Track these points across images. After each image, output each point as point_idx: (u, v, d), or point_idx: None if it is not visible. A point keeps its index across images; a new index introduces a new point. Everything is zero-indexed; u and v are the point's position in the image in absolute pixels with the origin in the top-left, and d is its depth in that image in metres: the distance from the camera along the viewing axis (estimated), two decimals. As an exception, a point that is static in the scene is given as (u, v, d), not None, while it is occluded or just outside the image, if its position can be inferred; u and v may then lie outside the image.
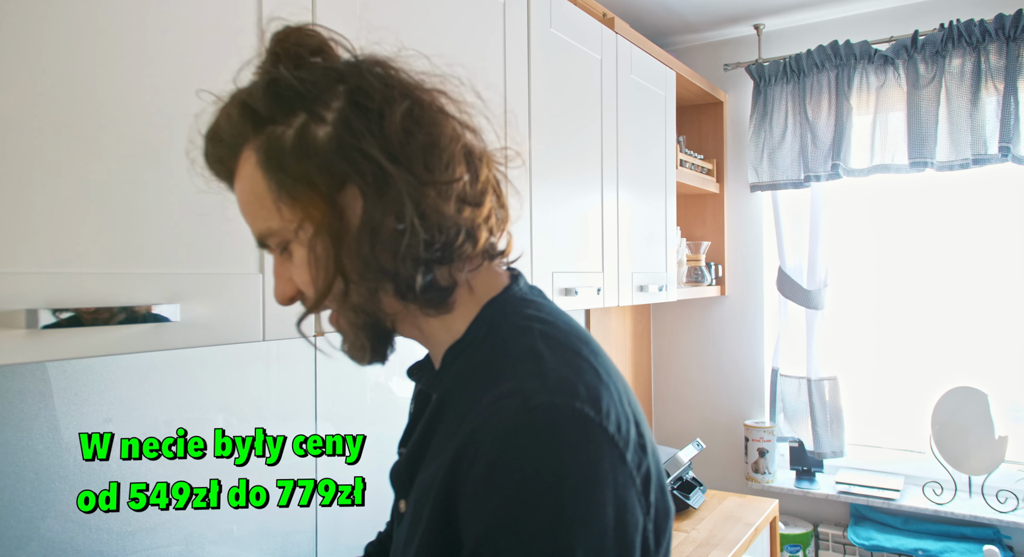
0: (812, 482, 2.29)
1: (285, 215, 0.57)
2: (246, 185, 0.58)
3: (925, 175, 2.10)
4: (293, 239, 0.58)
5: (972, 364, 2.18)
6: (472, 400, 0.56)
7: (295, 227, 0.57)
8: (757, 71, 2.35)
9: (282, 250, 0.60)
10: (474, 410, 0.54)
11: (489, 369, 0.58)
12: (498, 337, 0.60)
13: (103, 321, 0.67)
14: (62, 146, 0.66)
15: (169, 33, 0.75)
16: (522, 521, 0.49)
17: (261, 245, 0.61)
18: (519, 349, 0.58)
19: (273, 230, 0.58)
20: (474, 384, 0.58)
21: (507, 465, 0.50)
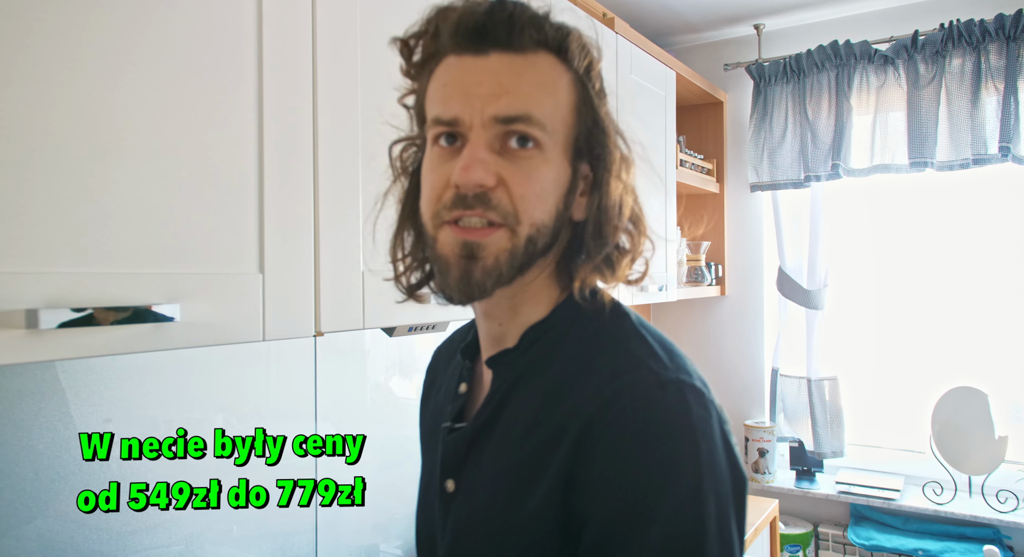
0: (812, 482, 2.29)
1: (562, 131, 0.59)
2: (546, 77, 0.58)
3: (925, 175, 2.10)
4: (548, 151, 0.58)
5: (972, 364, 2.18)
6: (575, 379, 0.58)
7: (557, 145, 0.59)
8: (757, 71, 2.35)
9: (519, 143, 0.57)
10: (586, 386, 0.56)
11: (591, 349, 0.60)
12: (590, 322, 0.62)
13: (103, 321, 0.67)
14: (62, 146, 0.66)
15: (169, 33, 0.75)
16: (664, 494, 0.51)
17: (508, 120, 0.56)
18: (624, 331, 0.61)
19: (546, 126, 0.57)
20: (570, 363, 0.59)
21: (647, 441, 0.52)
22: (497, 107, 0.56)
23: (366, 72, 0.98)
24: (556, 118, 0.58)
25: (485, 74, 0.57)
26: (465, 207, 0.57)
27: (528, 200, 0.57)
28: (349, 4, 0.96)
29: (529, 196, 0.57)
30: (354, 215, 0.96)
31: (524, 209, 0.57)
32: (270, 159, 0.84)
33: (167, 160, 0.74)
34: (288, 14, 0.87)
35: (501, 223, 0.57)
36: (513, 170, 0.57)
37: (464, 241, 0.57)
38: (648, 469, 0.51)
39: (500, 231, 0.57)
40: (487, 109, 0.56)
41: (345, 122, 0.95)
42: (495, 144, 0.57)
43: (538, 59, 0.58)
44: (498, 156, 0.57)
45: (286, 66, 0.86)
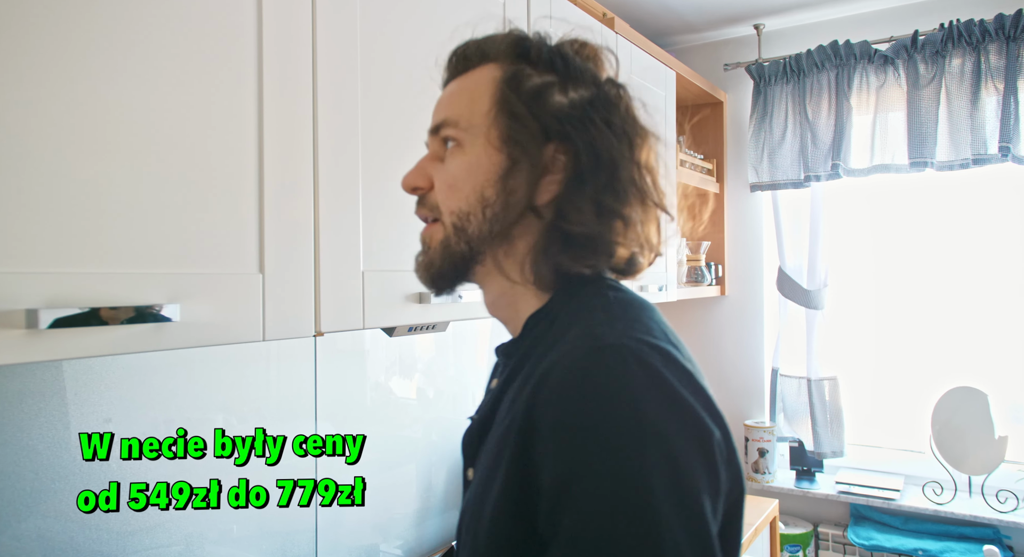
0: (812, 482, 2.29)
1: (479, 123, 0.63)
2: (469, 82, 0.65)
3: (925, 175, 2.10)
4: (465, 144, 0.63)
5: (972, 364, 2.18)
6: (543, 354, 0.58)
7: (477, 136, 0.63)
8: (757, 71, 2.35)
9: (447, 143, 0.65)
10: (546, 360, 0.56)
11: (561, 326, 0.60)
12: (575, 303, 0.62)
13: (103, 321, 0.67)
14: (62, 146, 0.66)
15: (169, 32, 0.75)
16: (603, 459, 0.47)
17: (434, 131, 0.66)
18: (590, 305, 0.60)
19: (457, 122, 0.64)
20: (547, 341, 0.60)
21: (580, 402, 0.50)
22: (432, 121, 0.67)
23: (366, 72, 0.98)
24: (474, 113, 0.63)
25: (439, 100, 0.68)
26: (416, 209, 0.68)
27: (441, 190, 0.64)
28: (349, 4, 0.96)
29: (443, 188, 0.64)
30: (354, 215, 0.96)
31: (443, 200, 0.64)
32: (270, 159, 0.84)
33: (167, 160, 0.74)
34: (288, 14, 0.87)
35: (435, 218, 0.65)
36: (439, 170, 0.65)
37: (420, 239, 0.68)
38: (585, 436, 0.48)
39: (435, 225, 0.66)
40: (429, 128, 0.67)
41: (345, 122, 0.95)
42: (440, 152, 0.66)
43: (475, 72, 0.66)
44: (438, 163, 0.66)
45: (286, 66, 0.86)
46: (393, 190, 1.02)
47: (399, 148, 1.03)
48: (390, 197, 1.01)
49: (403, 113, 1.04)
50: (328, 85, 0.92)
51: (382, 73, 1.01)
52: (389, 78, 1.02)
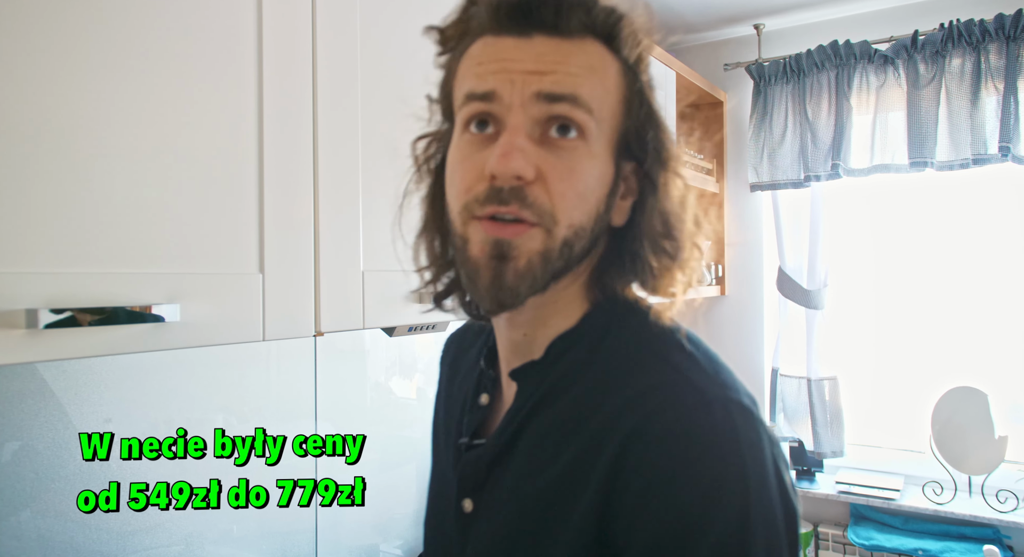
0: (812, 482, 2.29)
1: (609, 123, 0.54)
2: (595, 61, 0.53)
3: (925, 175, 2.10)
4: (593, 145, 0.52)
5: (972, 364, 2.18)
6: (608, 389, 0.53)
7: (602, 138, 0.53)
8: (757, 71, 2.35)
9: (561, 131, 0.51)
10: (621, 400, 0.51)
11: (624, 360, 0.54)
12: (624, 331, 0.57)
13: (103, 321, 0.67)
14: (62, 146, 0.66)
15: (169, 32, 0.75)
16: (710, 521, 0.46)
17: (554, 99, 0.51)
18: (665, 341, 0.55)
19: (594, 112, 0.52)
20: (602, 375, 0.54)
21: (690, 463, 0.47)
22: (541, 83, 0.50)
23: (366, 72, 0.98)
24: (604, 105, 0.53)
25: (527, 52, 0.51)
26: (500, 202, 0.51)
27: (568, 198, 0.51)
28: (349, 4, 0.96)
29: (569, 194, 0.51)
30: (354, 215, 0.96)
31: (563, 208, 0.51)
32: (270, 159, 0.84)
33: (167, 160, 0.74)
34: (288, 14, 0.87)
35: (535, 222, 0.51)
36: (553, 163, 0.51)
37: (495, 239, 0.51)
38: (692, 494, 0.46)
39: (533, 230, 0.51)
40: (529, 86, 0.50)
41: (345, 122, 0.95)
42: (535, 132, 0.51)
43: (586, 45, 0.52)
44: (538, 146, 0.51)
45: (286, 66, 0.86)
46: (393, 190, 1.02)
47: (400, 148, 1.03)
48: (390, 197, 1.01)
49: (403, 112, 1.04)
50: (328, 85, 0.92)
51: (382, 73, 1.01)
52: (389, 77, 1.02)
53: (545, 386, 0.57)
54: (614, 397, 0.52)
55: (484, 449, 0.59)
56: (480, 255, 0.52)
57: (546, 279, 0.53)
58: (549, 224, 0.51)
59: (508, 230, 0.51)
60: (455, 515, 0.62)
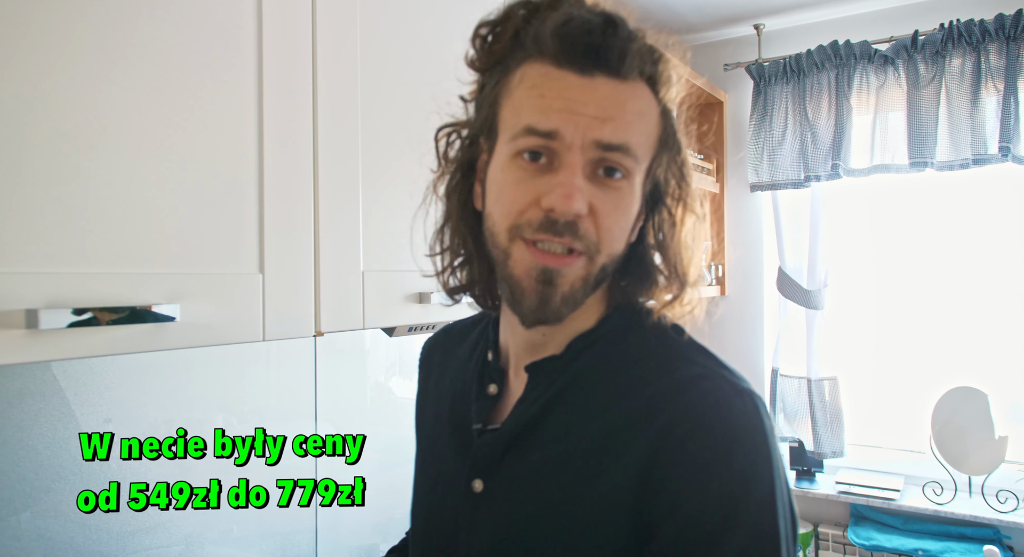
0: (812, 482, 2.29)
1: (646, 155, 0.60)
2: (645, 106, 0.58)
3: (925, 175, 2.10)
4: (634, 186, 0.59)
5: (972, 364, 2.18)
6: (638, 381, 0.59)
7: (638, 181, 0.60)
8: (757, 71, 2.35)
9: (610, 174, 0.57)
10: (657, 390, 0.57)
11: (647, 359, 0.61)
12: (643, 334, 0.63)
13: (103, 321, 0.67)
14: (62, 146, 0.66)
15: (169, 32, 0.75)
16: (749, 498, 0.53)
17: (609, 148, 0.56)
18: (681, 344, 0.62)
19: (639, 159, 0.58)
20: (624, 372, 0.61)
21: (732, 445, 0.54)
22: (602, 132, 0.55)
23: (366, 72, 0.98)
24: (646, 148, 0.59)
25: (591, 95, 0.55)
26: (554, 233, 0.56)
27: (612, 233, 0.58)
28: (349, 4, 0.96)
29: (615, 229, 0.58)
30: (354, 215, 0.96)
31: (607, 241, 0.58)
32: (270, 159, 0.84)
33: (167, 160, 0.74)
34: (288, 14, 0.87)
35: (582, 251, 0.57)
36: (603, 200, 0.56)
37: (544, 267, 0.57)
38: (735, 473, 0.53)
39: (580, 259, 0.57)
40: (591, 132, 0.55)
41: (345, 122, 0.95)
42: (587, 170, 0.56)
43: (637, 88, 0.58)
44: (588, 182, 0.56)
45: (286, 66, 0.86)
46: (393, 190, 1.02)
47: (399, 148, 1.03)
48: (390, 197, 1.01)
49: (403, 113, 1.04)
50: (328, 85, 0.92)
51: (382, 73, 1.01)
52: (389, 78, 1.02)
53: (566, 378, 0.62)
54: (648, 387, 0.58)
55: (499, 434, 0.64)
56: (525, 277, 0.58)
57: (585, 298, 0.60)
58: (593, 253, 0.57)
59: (557, 259, 0.57)
60: (463, 495, 0.65)
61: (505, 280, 0.59)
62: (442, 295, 1.06)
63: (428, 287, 1.07)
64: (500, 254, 0.59)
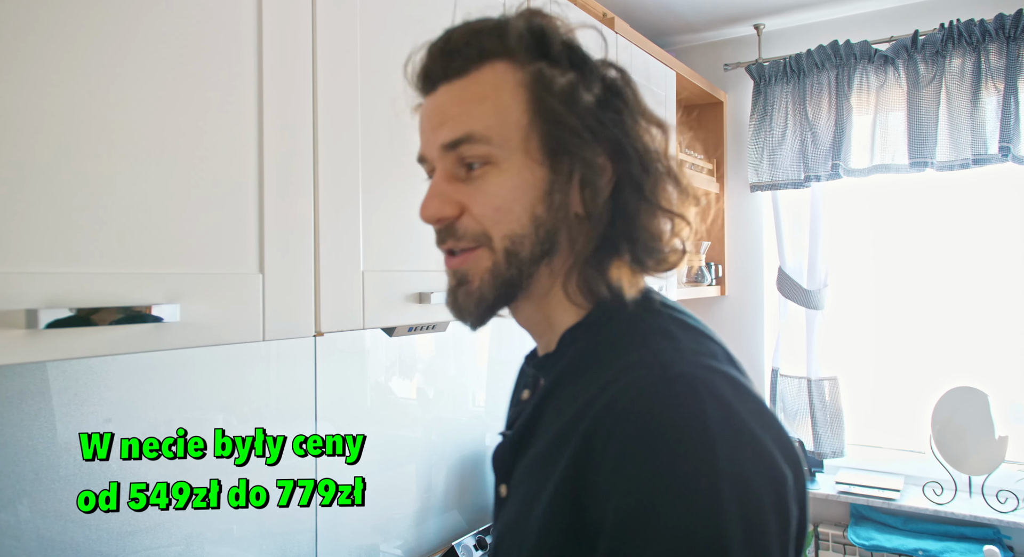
0: (812, 482, 2.29)
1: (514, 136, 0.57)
2: (483, 88, 0.58)
3: (925, 175, 2.10)
4: (503, 162, 0.57)
5: (972, 364, 2.18)
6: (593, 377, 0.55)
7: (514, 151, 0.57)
8: (757, 71, 2.35)
9: (471, 165, 0.58)
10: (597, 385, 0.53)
11: (612, 346, 0.56)
12: (622, 319, 0.59)
13: (103, 321, 0.67)
14: (62, 146, 0.66)
15: (169, 33, 0.75)
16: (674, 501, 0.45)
17: (451, 146, 0.58)
18: (648, 327, 0.57)
19: (489, 139, 0.57)
20: (594, 362, 0.56)
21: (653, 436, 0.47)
22: (439, 136, 0.58)
23: (366, 72, 0.98)
24: (505, 125, 0.57)
25: (432, 109, 0.60)
26: (440, 241, 0.60)
27: (489, 216, 0.58)
28: (349, 4, 0.96)
29: (489, 212, 0.58)
30: (354, 215, 0.96)
31: (492, 225, 0.58)
32: (270, 159, 0.84)
33: (167, 160, 0.74)
34: (288, 14, 0.87)
35: (475, 246, 0.59)
36: (471, 192, 0.58)
37: (452, 271, 0.61)
38: (655, 473, 0.46)
39: (476, 252, 0.59)
40: (435, 141, 0.59)
41: (345, 122, 0.95)
42: (459, 173, 0.59)
43: (483, 73, 0.58)
44: (462, 184, 0.59)
45: (286, 66, 0.86)
46: (393, 190, 1.02)
47: (399, 148, 1.03)
48: (390, 197, 1.01)
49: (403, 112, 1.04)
50: (328, 85, 0.92)
51: (382, 72, 1.01)
52: (389, 77, 1.02)
53: (555, 377, 0.61)
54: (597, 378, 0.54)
55: (508, 438, 0.64)
56: (448, 283, 0.62)
57: (497, 292, 0.59)
58: (486, 242, 0.58)
59: (455, 261, 0.60)
60: (495, 502, 0.67)
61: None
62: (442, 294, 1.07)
63: (428, 287, 1.07)
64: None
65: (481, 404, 1.86)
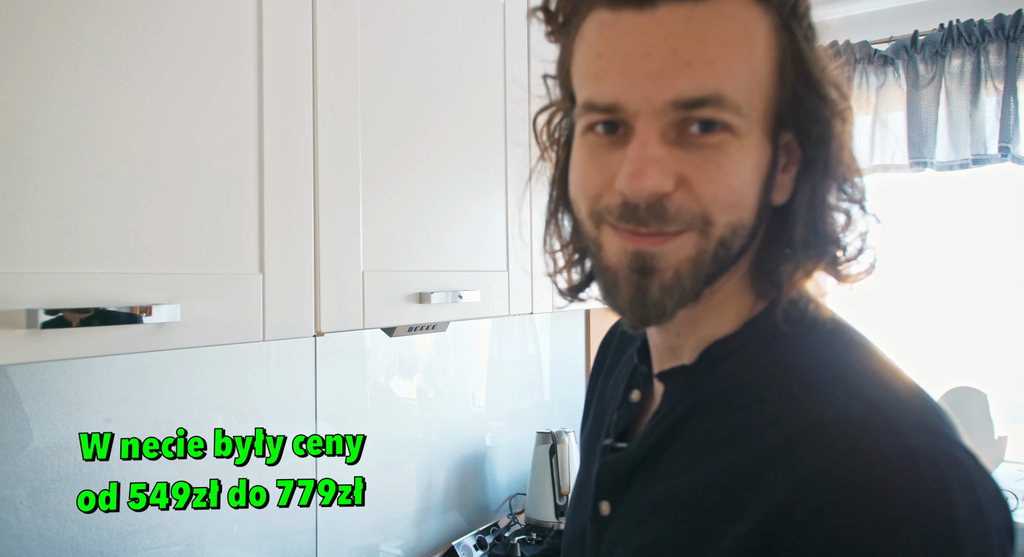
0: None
1: (759, 102, 0.44)
2: (737, 30, 0.43)
3: (925, 175, 2.11)
4: (744, 134, 0.44)
5: (972, 364, 2.18)
6: (775, 414, 0.44)
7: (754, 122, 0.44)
8: (757, 71, 2.35)
9: (704, 129, 0.43)
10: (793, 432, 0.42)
11: (792, 378, 0.46)
12: (800, 341, 0.48)
13: (103, 321, 0.67)
14: (62, 146, 0.66)
15: (169, 33, 0.75)
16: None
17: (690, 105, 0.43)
18: (850, 361, 0.46)
19: (739, 106, 0.43)
20: (764, 394, 0.46)
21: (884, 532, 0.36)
22: (675, 89, 0.42)
23: (366, 72, 0.98)
24: (754, 89, 0.44)
25: (653, 38, 0.42)
26: (637, 222, 0.45)
27: (722, 198, 0.44)
28: (349, 4, 0.96)
29: (724, 194, 0.44)
30: (354, 215, 0.96)
31: (717, 210, 0.44)
32: (270, 159, 0.84)
33: (167, 160, 0.74)
34: (288, 14, 0.87)
35: (684, 229, 0.45)
36: (699, 163, 0.44)
37: (636, 251, 0.46)
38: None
39: (685, 235, 0.45)
40: (660, 92, 0.43)
41: (345, 121, 0.95)
42: (670, 133, 0.44)
43: (725, 4, 0.43)
44: (675, 147, 0.44)
45: (286, 65, 0.87)
46: (393, 190, 1.02)
47: (399, 148, 1.03)
48: (390, 197, 1.01)
49: (403, 112, 1.04)
50: (328, 85, 0.92)
51: (382, 72, 1.01)
52: (389, 77, 1.02)
53: (697, 395, 0.50)
54: (787, 423, 0.43)
55: (626, 453, 0.54)
56: (618, 266, 0.47)
57: (698, 289, 0.47)
58: (702, 226, 0.45)
59: (651, 240, 0.45)
60: (592, 517, 0.57)
61: (600, 274, 0.49)
62: (442, 295, 1.07)
63: (428, 287, 1.07)
64: (591, 244, 0.49)
65: (481, 404, 1.86)
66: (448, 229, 1.11)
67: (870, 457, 0.38)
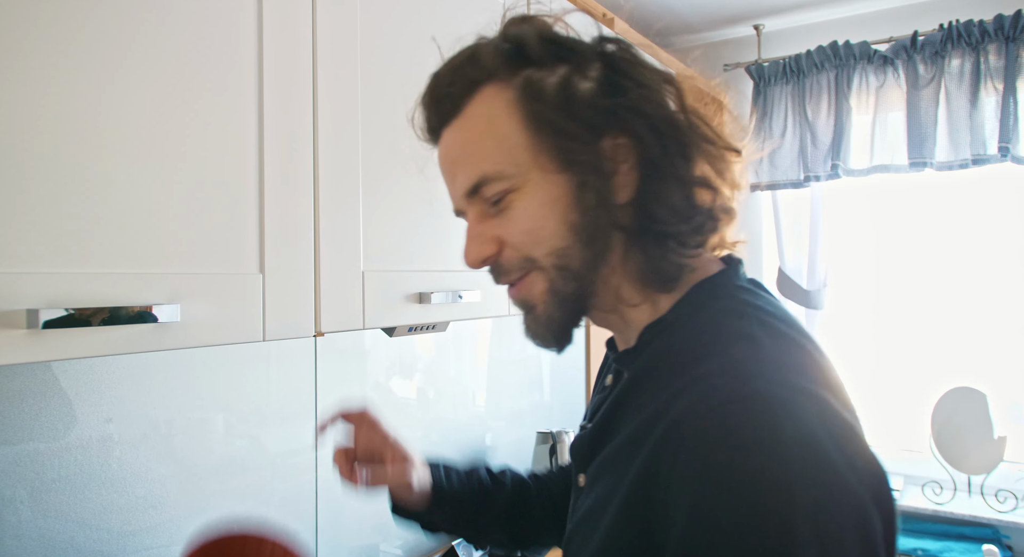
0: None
1: (522, 158, 0.55)
2: (481, 123, 0.57)
3: (925, 175, 2.11)
4: (522, 185, 0.56)
5: (972, 364, 2.18)
6: (668, 381, 0.51)
7: (528, 171, 0.55)
8: (757, 71, 2.35)
9: (496, 201, 0.57)
10: (671, 392, 0.49)
11: (691, 348, 0.53)
12: (705, 317, 0.55)
13: (103, 321, 0.67)
14: (62, 146, 0.66)
15: (169, 33, 0.75)
16: (740, 533, 0.41)
17: (472, 193, 0.58)
18: (731, 330, 0.52)
19: (502, 173, 0.56)
20: (672, 364, 0.53)
21: (723, 461, 0.42)
22: (459, 186, 0.59)
23: (366, 72, 0.98)
24: (512, 151, 0.55)
25: (444, 159, 0.60)
26: (496, 280, 0.60)
27: (525, 241, 0.57)
28: (349, 4, 0.96)
29: (523, 238, 0.57)
30: (354, 215, 0.96)
31: (528, 250, 0.57)
32: (270, 159, 0.84)
33: (167, 160, 0.74)
34: (288, 14, 0.87)
35: (525, 273, 0.58)
36: (503, 224, 0.58)
37: (512, 298, 0.61)
38: (722, 499, 0.42)
39: (531, 276, 0.58)
40: (457, 191, 0.60)
41: (345, 122, 0.95)
42: (489, 210, 0.58)
43: (474, 106, 0.57)
44: (493, 219, 0.58)
45: (286, 67, 0.87)
46: (393, 190, 1.02)
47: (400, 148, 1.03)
48: (390, 197, 1.01)
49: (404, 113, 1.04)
50: (328, 85, 0.92)
51: (382, 72, 1.01)
52: (389, 77, 1.02)
53: (633, 372, 0.58)
54: (674, 381, 0.51)
55: (588, 429, 0.63)
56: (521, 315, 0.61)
57: (566, 311, 0.58)
58: (533, 266, 0.57)
59: (514, 291, 0.60)
60: (575, 490, 0.65)
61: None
62: (442, 295, 1.07)
63: (428, 287, 1.07)
64: None
65: (481, 404, 1.86)
66: (448, 229, 1.11)
67: (712, 402, 0.45)
